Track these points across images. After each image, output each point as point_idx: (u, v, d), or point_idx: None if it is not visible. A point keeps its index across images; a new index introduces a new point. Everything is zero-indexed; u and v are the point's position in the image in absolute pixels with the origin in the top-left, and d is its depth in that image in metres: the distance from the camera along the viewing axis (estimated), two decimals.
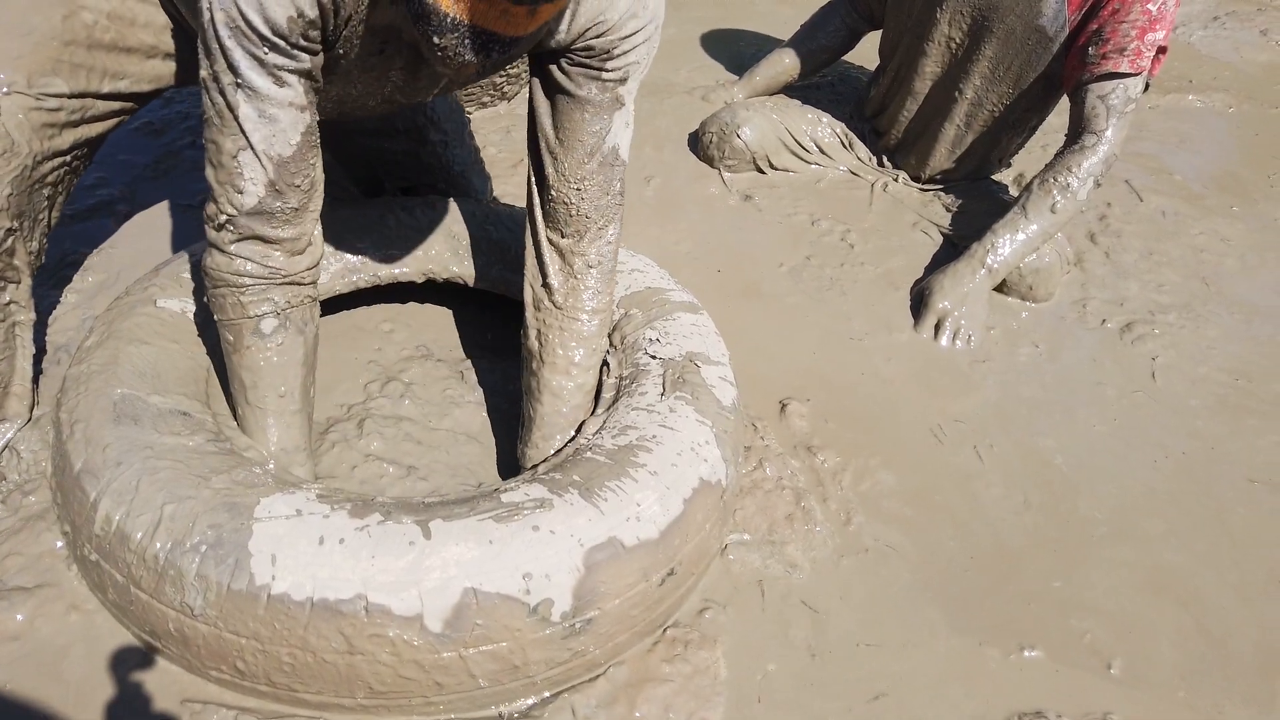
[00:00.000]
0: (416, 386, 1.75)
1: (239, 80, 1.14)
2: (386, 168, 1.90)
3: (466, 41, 1.05)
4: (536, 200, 1.45)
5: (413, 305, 1.95)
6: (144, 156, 2.25)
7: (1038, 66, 2.15)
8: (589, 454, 1.35)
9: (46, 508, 1.38)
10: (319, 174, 1.28)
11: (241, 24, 1.09)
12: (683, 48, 3.18)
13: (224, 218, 1.24)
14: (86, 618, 1.27)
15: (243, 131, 1.17)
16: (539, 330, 1.49)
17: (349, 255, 1.73)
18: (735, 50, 3.23)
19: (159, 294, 1.52)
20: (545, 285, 1.47)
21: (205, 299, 1.35)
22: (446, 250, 1.78)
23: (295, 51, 1.14)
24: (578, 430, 1.48)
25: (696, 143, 2.62)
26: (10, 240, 1.44)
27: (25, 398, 1.55)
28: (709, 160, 2.56)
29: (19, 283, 1.51)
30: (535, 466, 1.41)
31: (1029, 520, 1.63)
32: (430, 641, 1.14)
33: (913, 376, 1.93)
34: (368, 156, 1.90)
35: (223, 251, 1.27)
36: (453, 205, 1.83)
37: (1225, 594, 1.53)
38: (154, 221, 2.09)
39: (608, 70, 1.30)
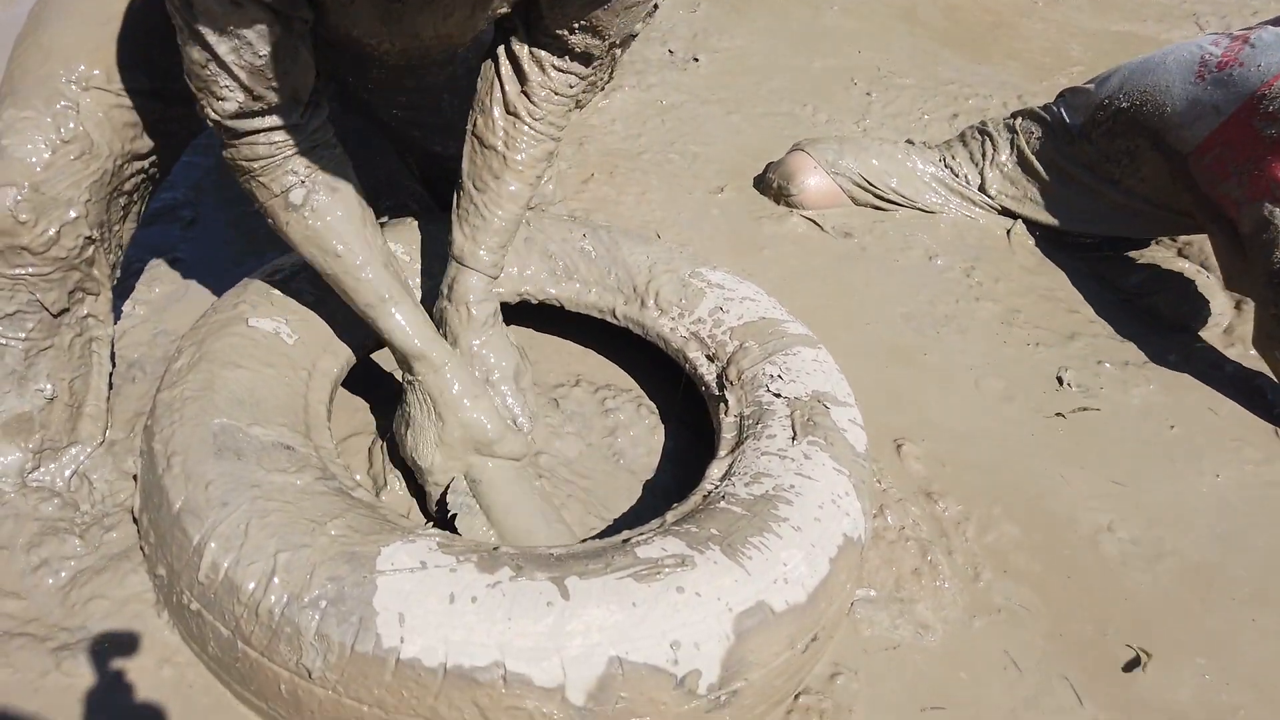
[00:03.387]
0: None
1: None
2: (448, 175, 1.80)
3: None
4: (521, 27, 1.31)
5: None
6: (208, 159, 2.14)
7: None
8: (722, 504, 1.24)
9: (130, 545, 1.28)
10: (301, 77, 1.18)
11: None
12: (760, 59, 3.07)
13: (212, 121, 1.18)
14: (179, 672, 1.16)
15: (207, 45, 1.08)
16: (507, 133, 1.37)
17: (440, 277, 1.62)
18: (807, 68, 3.12)
19: (250, 312, 1.42)
20: (524, 92, 1.34)
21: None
22: (543, 271, 1.68)
23: None
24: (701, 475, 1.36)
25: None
26: (91, 250, 1.33)
27: (99, 419, 1.44)
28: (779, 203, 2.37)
29: (98, 295, 1.40)
30: (664, 516, 1.28)
31: (1165, 582, 1.52)
32: (570, 715, 1.03)
33: (1029, 419, 1.82)
34: (427, 164, 1.80)
35: (226, 145, 1.22)
36: (548, 222, 1.72)
37: None
38: (221, 229, 1.99)
39: None
